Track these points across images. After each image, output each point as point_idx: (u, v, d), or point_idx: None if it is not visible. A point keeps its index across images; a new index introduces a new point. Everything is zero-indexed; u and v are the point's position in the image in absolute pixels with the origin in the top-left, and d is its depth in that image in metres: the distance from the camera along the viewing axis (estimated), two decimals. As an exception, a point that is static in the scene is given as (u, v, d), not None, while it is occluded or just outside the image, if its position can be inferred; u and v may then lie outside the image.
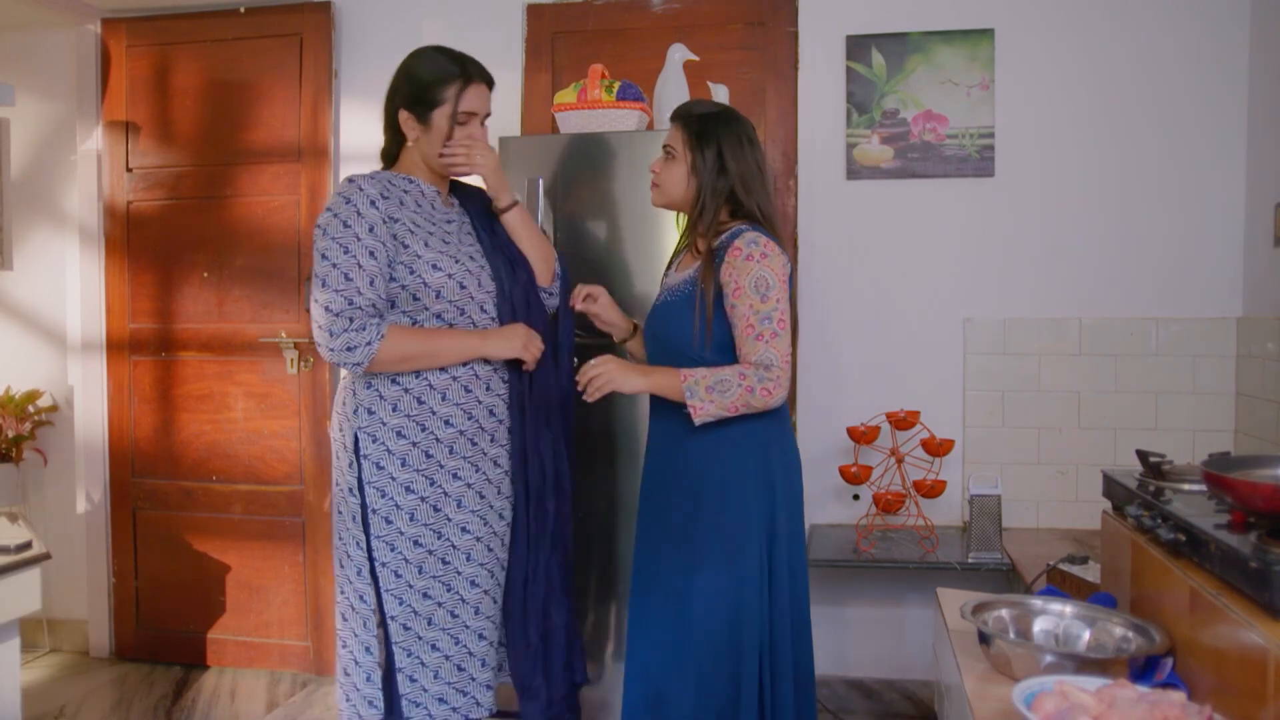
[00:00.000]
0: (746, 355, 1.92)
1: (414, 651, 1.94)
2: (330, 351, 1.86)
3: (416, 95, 1.97)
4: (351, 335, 1.84)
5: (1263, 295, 2.76)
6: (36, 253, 3.57)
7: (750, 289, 1.91)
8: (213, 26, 3.39)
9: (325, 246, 1.87)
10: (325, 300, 1.85)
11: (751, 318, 1.91)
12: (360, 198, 1.89)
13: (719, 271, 1.95)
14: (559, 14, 3.22)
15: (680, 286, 2.05)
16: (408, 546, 1.93)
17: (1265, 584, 1.19)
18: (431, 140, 1.99)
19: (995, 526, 2.67)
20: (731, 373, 1.91)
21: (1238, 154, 2.88)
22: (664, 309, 2.08)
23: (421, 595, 1.94)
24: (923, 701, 3.02)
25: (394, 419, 1.93)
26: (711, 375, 1.92)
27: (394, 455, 1.92)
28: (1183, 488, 1.68)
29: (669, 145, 2.04)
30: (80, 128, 3.49)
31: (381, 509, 1.92)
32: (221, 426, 3.43)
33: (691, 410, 1.91)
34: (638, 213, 2.61)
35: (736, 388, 1.90)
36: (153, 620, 3.50)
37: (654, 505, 2.10)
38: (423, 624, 1.94)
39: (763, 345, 1.91)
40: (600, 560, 2.66)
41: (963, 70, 2.98)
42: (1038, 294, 2.98)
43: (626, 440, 2.63)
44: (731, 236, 1.97)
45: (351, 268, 1.85)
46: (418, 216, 1.97)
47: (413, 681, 1.94)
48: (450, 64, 1.98)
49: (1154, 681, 1.42)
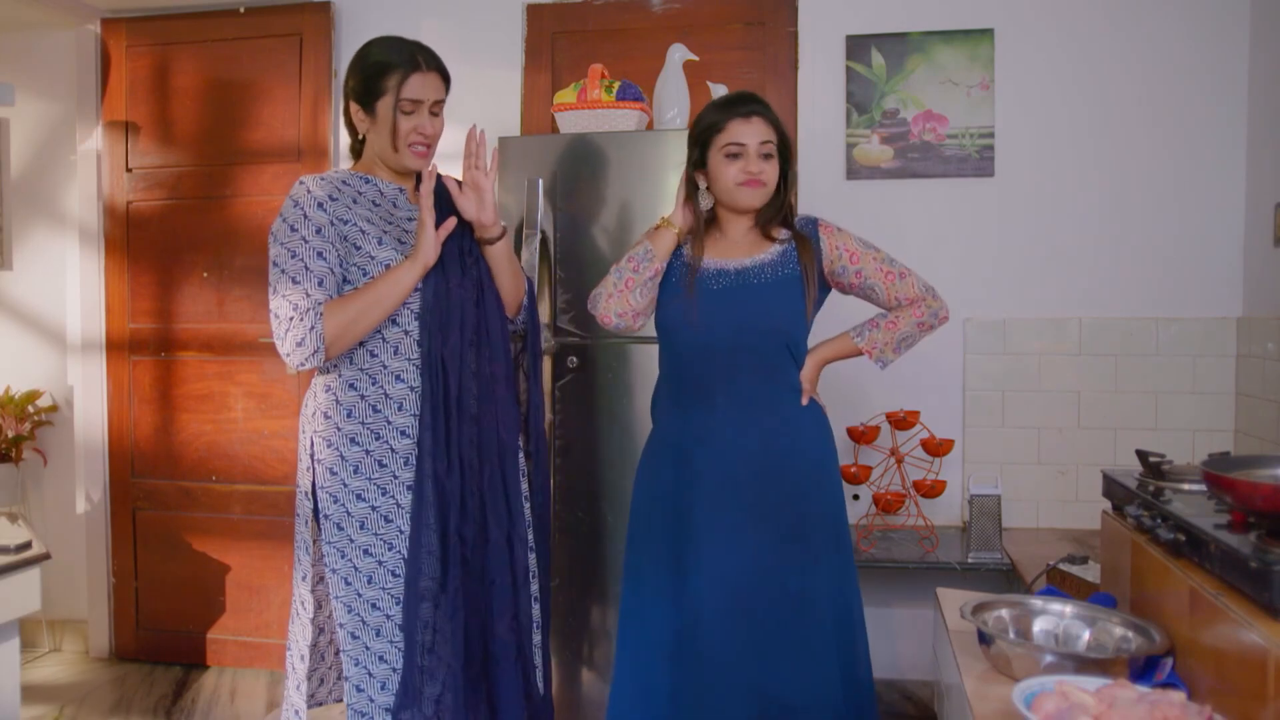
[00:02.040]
0: (903, 295, 2.03)
1: (361, 661, 1.87)
2: (287, 357, 1.82)
3: (363, 86, 1.90)
4: (295, 331, 1.79)
5: (1263, 295, 2.76)
6: (36, 253, 3.57)
7: (861, 247, 2.04)
8: (212, 26, 3.40)
9: (275, 253, 1.83)
10: (275, 307, 1.82)
11: (885, 267, 2.03)
12: (308, 200, 1.85)
13: (821, 255, 2.03)
14: (559, 14, 3.22)
15: (767, 270, 2.00)
16: (358, 555, 1.87)
17: (1265, 584, 1.19)
18: (380, 132, 1.91)
19: (995, 526, 2.67)
20: (900, 318, 2.03)
21: (1238, 154, 2.88)
22: (752, 292, 1.98)
23: (370, 606, 1.87)
24: (923, 701, 3.02)
25: (348, 425, 1.87)
26: (883, 325, 2.04)
27: (347, 462, 1.87)
28: (1183, 488, 1.68)
29: (768, 142, 1.99)
30: (80, 128, 3.49)
31: (334, 515, 1.87)
32: (221, 426, 3.43)
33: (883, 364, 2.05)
34: (638, 212, 2.61)
35: (913, 325, 2.03)
36: (153, 620, 3.50)
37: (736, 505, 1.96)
38: (370, 635, 1.87)
39: (911, 278, 2.04)
40: (595, 560, 2.65)
41: (962, 70, 2.98)
42: (1037, 294, 2.98)
43: (620, 440, 2.63)
44: (808, 220, 2.07)
45: (299, 271, 1.81)
46: (372, 215, 1.90)
47: (359, 692, 1.87)
48: (393, 53, 1.89)
49: (1154, 681, 1.42)
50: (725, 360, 1.98)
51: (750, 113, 1.99)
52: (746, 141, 1.97)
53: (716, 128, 2.00)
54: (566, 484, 2.63)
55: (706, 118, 2.03)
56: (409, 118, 1.89)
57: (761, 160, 1.98)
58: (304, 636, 1.96)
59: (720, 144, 1.99)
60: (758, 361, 1.98)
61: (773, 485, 1.96)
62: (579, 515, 2.64)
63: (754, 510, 1.95)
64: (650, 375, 2.55)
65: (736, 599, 1.93)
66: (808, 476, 1.99)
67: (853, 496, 3.00)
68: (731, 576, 1.94)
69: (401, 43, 1.92)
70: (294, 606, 1.99)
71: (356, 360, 1.89)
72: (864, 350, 2.03)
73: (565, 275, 2.63)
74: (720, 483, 1.97)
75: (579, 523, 2.64)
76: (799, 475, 1.98)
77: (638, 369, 2.60)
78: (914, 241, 3.02)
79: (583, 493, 2.64)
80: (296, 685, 1.96)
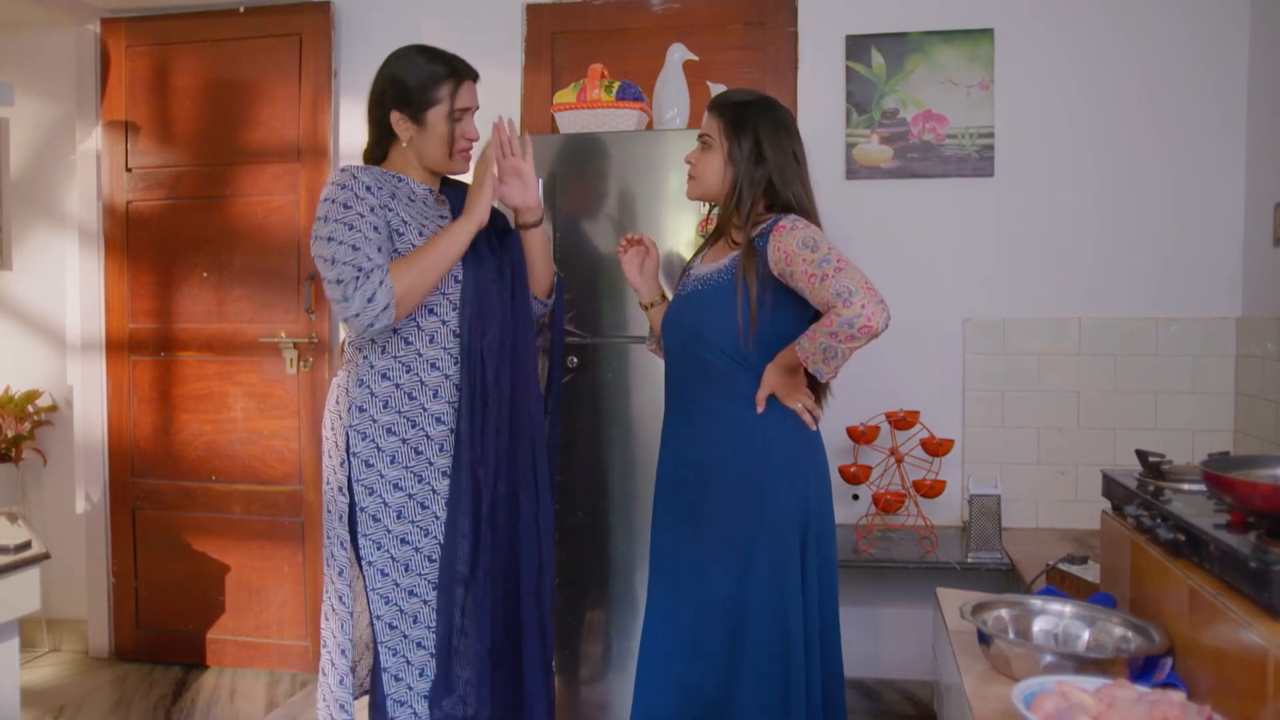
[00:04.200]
0: (818, 299, 1.83)
1: (399, 650, 1.92)
2: (355, 318, 1.81)
3: (408, 97, 1.95)
4: (365, 287, 1.81)
5: (1263, 295, 2.76)
6: (36, 253, 3.57)
7: (798, 247, 1.84)
8: (212, 26, 3.39)
9: (329, 229, 1.85)
10: (336, 275, 1.82)
11: (811, 269, 1.82)
12: (356, 184, 1.90)
13: (766, 260, 1.89)
14: (559, 14, 3.22)
15: (713, 276, 1.98)
16: (394, 545, 1.92)
17: (1265, 584, 1.19)
18: (428, 139, 1.98)
19: (995, 526, 2.67)
20: (816, 328, 1.83)
21: (1238, 154, 2.88)
22: (694, 298, 2.00)
23: (408, 593, 1.92)
24: (923, 701, 3.02)
25: (385, 416, 1.92)
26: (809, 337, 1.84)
27: (384, 452, 1.92)
28: (1182, 488, 1.68)
29: (705, 134, 2.01)
30: (80, 128, 3.49)
31: (370, 507, 1.92)
32: (221, 426, 3.43)
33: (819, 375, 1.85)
34: (638, 212, 2.61)
35: (825, 334, 1.80)
36: (152, 620, 3.50)
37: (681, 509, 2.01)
38: (408, 622, 1.93)
39: (831, 281, 1.79)
40: (596, 560, 2.65)
41: (962, 70, 2.98)
42: (1037, 294, 2.98)
43: (621, 440, 2.63)
44: (771, 225, 1.92)
45: (358, 239, 1.84)
46: (409, 211, 1.97)
47: (398, 680, 1.92)
48: (439, 64, 1.97)
49: (1153, 681, 1.42)
50: (678, 366, 2.05)
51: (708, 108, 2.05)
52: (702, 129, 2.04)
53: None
54: (567, 483, 2.63)
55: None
56: (460, 124, 1.99)
57: (698, 151, 2.03)
58: (343, 631, 1.98)
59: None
60: (701, 369, 1.98)
61: (708, 489, 1.97)
62: (579, 515, 2.64)
63: (691, 513, 1.99)
64: (650, 375, 2.56)
65: (676, 599, 2.00)
66: (746, 485, 1.93)
67: (852, 496, 3.00)
68: (671, 577, 2.02)
69: (441, 53, 2.01)
70: (328, 603, 2.01)
71: (390, 349, 1.94)
72: (800, 360, 1.88)
73: (565, 275, 2.62)
74: (667, 484, 2.06)
75: (579, 522, 2.63)
76: (736, 483, 1.93)
77: (638, 369, 2.60)
78: (914, 241, 3.02)
79: (583, 492, 2.64)
80: (339, 680, 1.97)
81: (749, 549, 1.91)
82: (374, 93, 2.01)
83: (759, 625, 1.90)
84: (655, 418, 2.58)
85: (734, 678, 1.93)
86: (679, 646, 2.00)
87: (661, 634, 2.04)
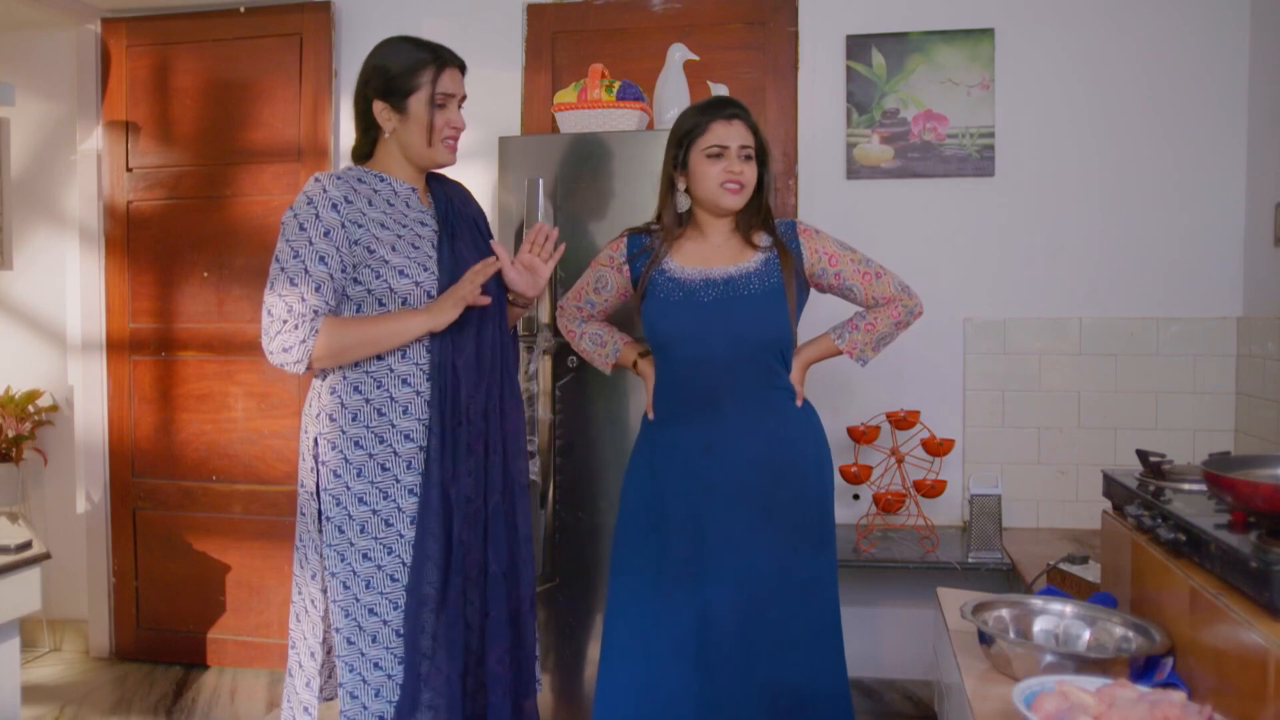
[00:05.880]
0: (879, 295, 2.08)
1: (355, 667, 1.86)
2: (270, 355, 1.83)
3: (389, 84, 1.91)
4: (285, 337, 1.80)
5: (1263, 295, 2.76)
6: (36, 252, 3.57)
7: (838, 248, 2.09)
8: (213, 26, 3.39)
9: (279, 249, 1.84)
10: (269, 304, 1.82)
11: (862, 267, 2.08)
12: (323, 199, 1.84)
13: (801, 260, 2.07)
14: (559, 14, 3.22)
15: (750, 279, 2.03)
16: (357, 559, 1.87)
17: (1265, 584, 1.19)
18: (411, 129, 1.92)
19: (995, 526, 2.67)
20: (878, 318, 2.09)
21: (1238, 154, 2.88)
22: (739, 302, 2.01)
23: (367, 611, 1.86)
24: (923, 701, 3.02)
25: (353, 429, 1.87)
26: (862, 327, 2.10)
27: (350, 465, 1.87)
28: (1183, 488, 1.67)
29: (749, 146, 2.03)
30: (80, 127, 3.49)
31: (335, 517, 1.87)
32: (221, 426, 3.43)
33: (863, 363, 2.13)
34: (638, 212, 2.61)
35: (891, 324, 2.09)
36: (153, 620, 3.50)
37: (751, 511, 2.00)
38: (366, 640, 1.87)
39: (887, 277, 2.09)
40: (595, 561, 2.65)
41: (963, 70, 2.98)
42: (1037, 294, 2.98)
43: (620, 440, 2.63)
44: (786, 225, 2.11)
45: (297, 273, 1.81)
46: (387, 218, 1.90)
47: (353, 699, 1.86)
48: (421, 50, 1.93)
49: (1154, 681, 1.42)
50: (725, 370, 2.02)
51: (732, 115, 2.03)
52: (728, 143, 2.01)
53: (699, 129, 2.03)
54: (565, 484, 2.63)
55: (688, 120, 2.07)
56: (443, 112, 1.94)
57: (742, 162, 2.02)
58: (314, 634, 1.95)
59: (702, 145, 2.03)
60: (755, 369, 2.03)
61: (782, 484, 2.03)
62: (579, 515, 2.64)
63: (766, 511, 2.01)
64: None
65: (750, 600, 1.98)
66: (810, 472, 2.06)
67: (853, 496, 3.00)
68: (745, 578, 1.99)
69: (422, 41, 1.97)
70: (299, 605, 1.98)
71: (362, 364, 1.89)
72: (844, 351, 2.12)
73: (565, 275, 2.63)
74: (734, 490, 2.01)
75: (579, 523, 2.63)
76: (802, 472, 2.05)
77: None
78: (914, 241, 3.02)
79: (582, 492, 2.63)
80: (306, 683, 1.95)
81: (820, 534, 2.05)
82: (358, 84, 1.96)
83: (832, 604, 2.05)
84: (656, 417, 2.59)
85: (816, 662, 2.00)
86: (763, 644, 1.98)
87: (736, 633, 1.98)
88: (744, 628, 1.98)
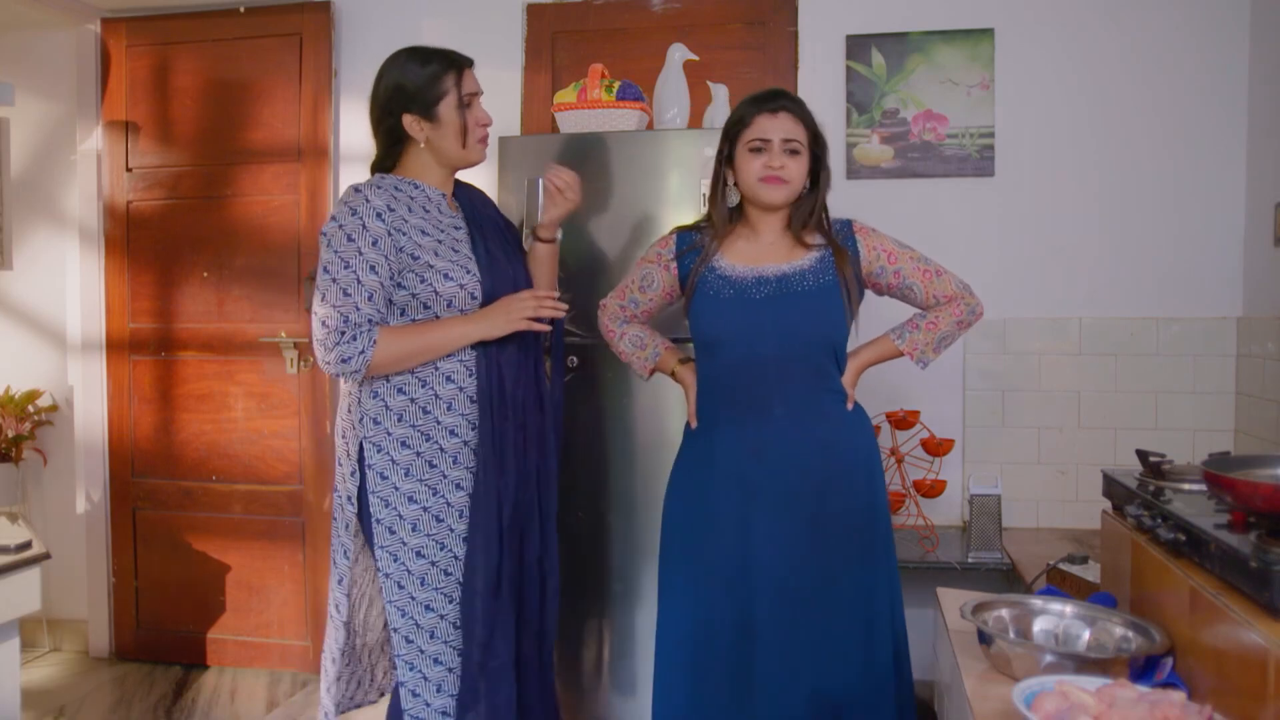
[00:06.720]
0: (940, 293, 2.03)
1: (416, 665, 1.90)
2: (327, 365, 1.86)
3: (415, 97, 1.93)
4: (344, 348, 1.83)
5: (1263, 295, 2.76)
6: (36, 252, 3.57)
7: (898, 246, 2.04)
8: (212, 26, 3.39)
9: (328, 259, 1.85)
10: (323, 315, 1.85)
11: (923, 265, 2.03)
12: (367, 210, 1.86)
13: (859, 259, 2.01)
14: (559, 14, 3.22)
15: (806, 277, 1.96)
16: (410, 558, 1.90)
17: (1265, 584, 1.19)
18: (444, 133, 1.95)
19: (995, 526, 2.67)
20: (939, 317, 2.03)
21: (1238, 154, 2.88)
22: (794, 300, 1.94)
23: (424, 608, 1.90)
24: (923, 701, 3.01)
25: (399, 429, 1.90)
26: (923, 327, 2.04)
27: (398, 465, 1.90)
28: (1183, 487, 1.67)
29: (794, 139, 1.95)
30: (80, 127, 3.49)
31: (385, 519, 1.90)
32: (221, 426, 3.43)
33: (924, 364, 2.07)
34: (638, 212, 2.61)
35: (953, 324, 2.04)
36: (153, 620, 3.50)
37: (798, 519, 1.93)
38: (425, 637, 1.90)
39: (947, 275, 2.05)
40: (596, 561, 2.65)
41: (963, 70, 2.98)
42: (1037, 293, 2.98)
43: (621, 439, 2.63)
44: (842, 223, 2.04)
45: (350, 283, 1.83)
46: (425, 224, 1.93)
47: (415, 696, 1.89)
48: (434, 60, 1.96)
49: (1154, 681, 1.42)
50: (777, 370, 1.94)
51: (777, 108, 1.96)
52: (770, 136, 1.94)
53: (744, 122, 1.98)
54: (566, 484, 2.62)
55: (736, 112, 2.01)
56: (471, 111, 1.98)
57: (785, 156, 1.94)
58: (335, 641, 1.98)
59: (746, 139, 1.97)
60: (807, 369, 1.96)
61: (831, 493, 1.94)
62: (579, 515, 2.63)
63: (815, 519, 1.93)
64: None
65: (795, 608, 1.91)
66: (862, 477, 1.99)
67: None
68: (790, 586, 1.92)
69: (429, 49, 2.00)
70: (330, 606, 2.02)
71: None
72: (905, 352, 2.05)
73: (566, 275, 2.62)
74: (781, 498, 1.93)
75: (579, 523, 2.63)
76: (855, 478, 1.98)
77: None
78: (914, 242, 2.96)
79: (583, 493, 2.63)
80: (326, 688, 1.99)
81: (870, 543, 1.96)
82: (378, 103, 1.96)
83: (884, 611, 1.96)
84: (655, 417, 2.59)
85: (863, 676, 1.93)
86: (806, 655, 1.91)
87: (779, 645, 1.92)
88: (786, 640, 1.91)
